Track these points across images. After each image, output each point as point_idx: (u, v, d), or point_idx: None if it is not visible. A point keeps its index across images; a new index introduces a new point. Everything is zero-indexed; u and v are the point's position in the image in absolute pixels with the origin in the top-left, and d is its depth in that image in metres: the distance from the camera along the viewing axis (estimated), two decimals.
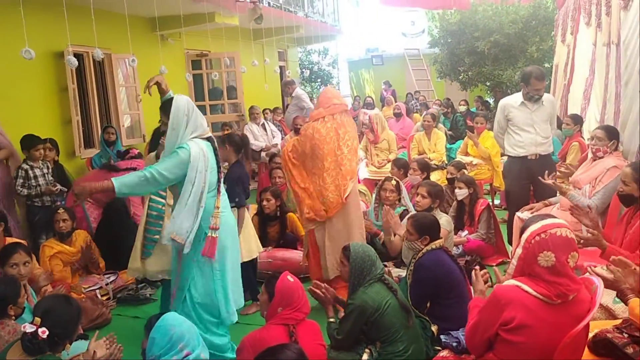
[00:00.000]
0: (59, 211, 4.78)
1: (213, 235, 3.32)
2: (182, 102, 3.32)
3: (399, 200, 5.19)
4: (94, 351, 2.69)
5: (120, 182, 3.16)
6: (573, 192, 4.29)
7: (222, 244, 3.39)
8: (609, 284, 2.46)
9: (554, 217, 2.42)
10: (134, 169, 5.19)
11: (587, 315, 2.24)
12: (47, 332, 2.52)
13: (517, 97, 5.04)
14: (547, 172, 4.54)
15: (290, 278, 3.03)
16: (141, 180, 3.20)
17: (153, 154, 4.62)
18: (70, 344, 2.70)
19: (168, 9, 7.77)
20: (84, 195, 3.25)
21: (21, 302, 3.27)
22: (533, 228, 2.31)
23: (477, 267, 3.11)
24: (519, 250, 2.35)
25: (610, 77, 5.73)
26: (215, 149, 3.46)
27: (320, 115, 4.37)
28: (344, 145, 4.36)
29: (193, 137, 3.33)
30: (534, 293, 2.27)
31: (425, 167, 6.14)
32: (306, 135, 4.34)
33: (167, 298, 4.42)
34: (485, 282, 2.80)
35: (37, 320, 2.54)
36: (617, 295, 2.56)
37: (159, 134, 4.74)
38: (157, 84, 3.86)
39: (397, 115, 10.16)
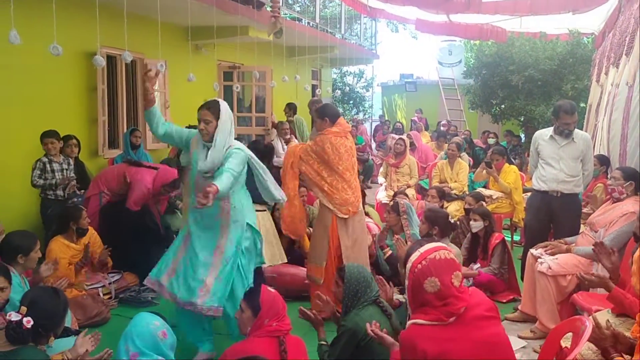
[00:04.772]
0: (83, 211, 4.75)
1: None
2: (227, 106, 3.57)
3: (402, 224, 5.13)
4: (83, 348, 2.68)
5: (223, 186, 3.23)
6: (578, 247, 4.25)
7: None
8: (592, 340, 2.37)
9: (432, 241, 2.46)
10: (155, 168, 5.42)
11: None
12: (31, 322, 2.52)
13: (548, 131, 4.99)
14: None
15: (270, 288, 2.98)
16: (234, 179, 3.39)
17: None
18: (55, 338, 2.70)
19: (202, 20, 7.88)
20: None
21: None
22: (413, 258, 2.33)
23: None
24: (407, 282, 2.36)
25: (614, 118, 5.62)
26: None
27: (342, 134, 4.42)
28: (354, 163, 4.55)
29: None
30: (427, 322, 2.27)
31: (443, 195, 6.06)
32: (324, 149, 4.35)
33: None
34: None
35: (23, 309, 2.55)
36: (601, 354, 2.44)
37: None
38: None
39: (411, 145, 9.11)
